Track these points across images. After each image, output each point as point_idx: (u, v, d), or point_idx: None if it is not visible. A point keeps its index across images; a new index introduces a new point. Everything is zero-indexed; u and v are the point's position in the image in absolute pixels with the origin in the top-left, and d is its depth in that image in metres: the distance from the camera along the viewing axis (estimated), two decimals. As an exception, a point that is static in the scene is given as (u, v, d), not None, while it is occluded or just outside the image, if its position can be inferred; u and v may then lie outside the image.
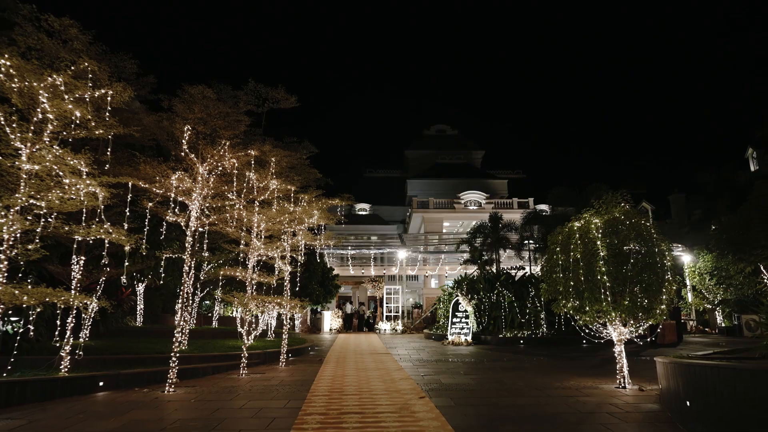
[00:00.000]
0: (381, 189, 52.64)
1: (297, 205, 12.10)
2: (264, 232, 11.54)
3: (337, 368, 11.46)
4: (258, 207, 11.01)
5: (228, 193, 9.76)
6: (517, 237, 24.60)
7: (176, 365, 8.69)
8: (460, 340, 18.46)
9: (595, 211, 9.04)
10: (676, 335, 19.13)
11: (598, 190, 22.59)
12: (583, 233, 8.64)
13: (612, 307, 8.12)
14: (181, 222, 9.17)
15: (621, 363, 8.66)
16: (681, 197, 46.47)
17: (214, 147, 9.15)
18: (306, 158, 13.10)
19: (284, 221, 11.37)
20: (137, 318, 16.76)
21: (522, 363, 12.60)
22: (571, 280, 8.57)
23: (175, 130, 8.88)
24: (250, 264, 11.03)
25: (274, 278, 11.33)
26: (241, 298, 10.10)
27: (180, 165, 9.00)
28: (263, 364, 12.31)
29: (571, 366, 11.93)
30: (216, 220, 9.77)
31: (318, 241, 13.26)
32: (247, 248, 11.06)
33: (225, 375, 10.51)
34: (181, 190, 9.07)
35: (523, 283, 20.68)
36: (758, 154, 44.73)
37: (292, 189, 11.34)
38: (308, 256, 16.22)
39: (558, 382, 9.20)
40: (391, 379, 9.60)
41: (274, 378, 10.05)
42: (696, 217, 46.59)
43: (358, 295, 37.72)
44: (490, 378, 9.90)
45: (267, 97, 11.52)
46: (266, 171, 10.80)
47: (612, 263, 8.16)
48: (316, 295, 20.53)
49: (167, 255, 9.19)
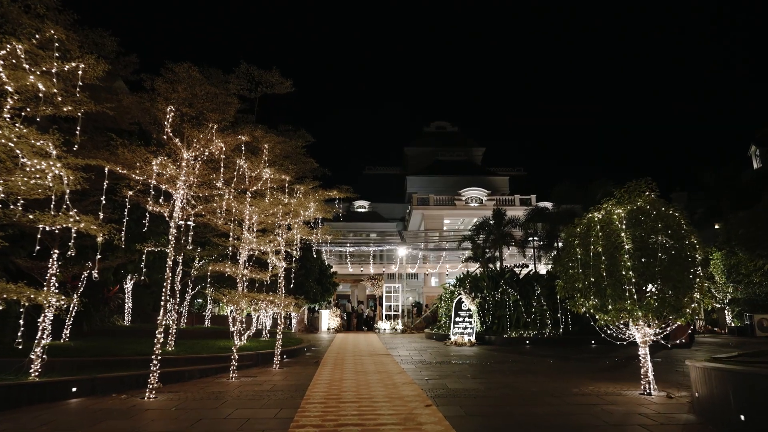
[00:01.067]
0: (380, 186, 51.89)
1: (292, 196, 11.33)
2: (256, 225, 10.76)
3: (335, 371, 10.69)
4: (250, 198, 10.24)
5: (216, 182, 8.98)
6: (521, 234, 23.84)
7: (158, 369, 7.91)
8: (464, 340, 17.71)
9: (617, 201, 8.28)
10: (688, 335, 18.38)
11: (605, 185, 21.81)
12: (604, 225, 7.88)
13: (638, 306, 7.36)
14: (165, 213, 8.39)
15: (646, 367, 7.91)
16: (683, 195, 46.01)
17: (200, 131, 8.37)
18: (302, 148, 12.31)
19: (278, 213, 10.59)
20: (125, 317, 15.98)
21: (531, 365, 11.85)
22: (591, 276, 7.81)
23: (156, 112, 8.09)
24: (242, 259, 10.25)
25: (267, 275, 10.56)
26: (231, 296, 9.32)
27: (163, 150, 8.21)
28: (256, 367, 11.53)
29: (584, 368, 11.18)
30: (203, 211, 8.99)
31: (315, 236, 12.48)
32: (239, 242, 10.29)
33: (214, 378, 9.74)
34: (165, 177, 8.29)
35: (528, 281, 19.94)
36: (761, 152, 44.29)
37: (286, 179, 10.57)
38: (304, 252, 15.44)
39: (575, 387, 8.44)
40: (393, 384, 8.83)
41: (266, 382, 9.28)
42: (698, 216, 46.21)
43: (357, 293, 36.97)
44: (499, 382, 9.14)
45: (260, 80, 10.74)
46: (258, 159, 10.02)
47: (637, 257, 7.40)
48: (313, 294, 19.76)
49: (149, 248, 8.42)
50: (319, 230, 12.49)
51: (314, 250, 19.35)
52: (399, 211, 47.85)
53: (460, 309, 18.66)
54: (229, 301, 9.39)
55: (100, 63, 6.74)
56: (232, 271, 9.95)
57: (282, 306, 10.40)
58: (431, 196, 38.82)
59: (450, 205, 38.54)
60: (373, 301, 34.31)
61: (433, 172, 47.32)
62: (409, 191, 45.54)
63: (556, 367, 11.45)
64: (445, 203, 38.68)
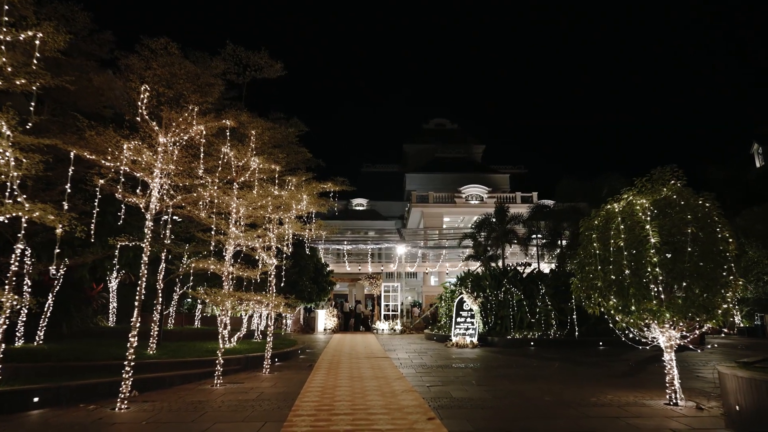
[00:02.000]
0: (379, 184, 51.13)
1: (283, 188, 10.54)
2: (244, 219, 9.98)
3: (329, 376, 9.91)
4: (237, 189, 9.46)
5: (198, 171, 8.19)
6: (524, 231, 23.05)
7: (130, 376, 7.13)
8: (465, 341, 16.93)
9: (638, 190, 7.50)
10: (698, 337, 17.61)
11: (611, 180, 21.04)
12: (626, 216, 7.10)
13: (665, 306, 6.59)
14: (140, 204, 7.60)
15: (671, 374, 7.13)
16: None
17: (179, 113, 7.58)
18: (295, 137, 11.53)
19: (267, 207, 9.80)
20: (110, 317, 15.18)
21: (539, 369, 11.08)
22: (612, 273, 7.03)
23: (130, 92, 7.31)
24: (228, 255, 9.46)
25: (255, 272, 9.77)
26: (214, 296, 8.53)
27: (137, 134, 7.43)
28: (244, 371, 10.74)
29: (597, 373, 10.41)
30: (183, 202, 8.19)
31: (308, 231, 11.70)
32: (224, 237, 9.50)
33: (196, 385, 8.95)
34: (140, 164, 7.50)
35: (533, 280, 19.16)
36: (764, 150, 43.85)
37: (276, 169, 9.78)
38: (298, 248, 14.65)
39: (592, 396, 7.66)
40: (392, 392, 8.05)
41: (253, 389, 8.50)
42: None
43: (354, 293, 36.19)
44: (508, 390, 8.37)
45: (248, 63, 9.95)
46: (245, 148, 9.24)
47: (664, 252, 6.62)
48: (308, 293, 18.97)
49: (123, 243, 7.65)
50: (313, 225, 11.70)
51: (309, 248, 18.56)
52: (398, 209, 47.08)
53: (462, 309, 17.88)
54: (212, 301, 8.60)
55: (61, 32, 5.95)
56: (216, 268, 9.16)
57: (272, 306, 9.61)
58: (431, 194, 38.04)
59: (450, 203, 37.77)
60: (371, 301, 33.55)
61: (433, 169, 46.53)
62: (408, 189, 44.77)
63: (567, 372, 10.68)
64: (445, 201, 37.90)
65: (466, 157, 50.03)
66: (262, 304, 9.40)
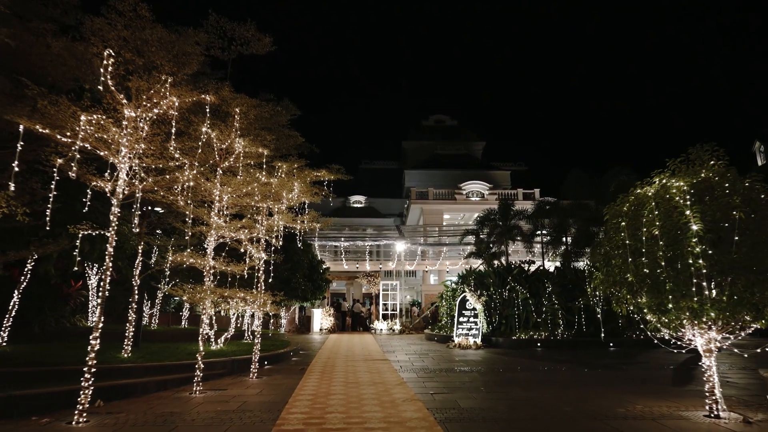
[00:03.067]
0: (377, 181, 50.19)
1: (272, 175, 9.62)
2: (228, 208, 9.05)
3: (322, 382, 8.98)
4: (220, 176, 8.53)
5: (174, 152, 7.25)
6: (529, 227, 22.15)
7: (91, 384, 6.19)
8: (468, 342, 16.02)
9: (671, 172, 6.59)
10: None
11: (620, 174, 20.17)
12: (660, 201, 6.19)
13: (709, 304, 5.68)
14: (105, 187, 6.67)
15: (711, 382, 6.23)
16: None
17: (150, 84, 6.65)
18: (287, 121, 10.59)
19: (254, 194, 8.87)
20: (90, 317, 14.22)
21: (551, 373, 10.18)
22: (645, 266, 6.12)
23: (91, 57, 6.38)
24: (209, 248, 8.52)
25: (240, 267, 8.84)
26: (192, 293, 7.60)
27: (99, 107, 6.49)
28: (229, 376, 9.81)
29: (616, 378, 9.50)
30: (156, 186, 7.25)
31: (300, 223, 10.76)
32: (206, 228, 8.56)
33: (173, 393, 8.01)
34: (106, 143, 6.56)
35: (539, 278, 18.27)
36: (765, 148, 43.33)
37: (264, 153, 8.85)
38: (290, 243, 13.71)
39: (619, 406, 6.75)
40: (392, 401, 7.13)
41: (235, 398, 7.57)
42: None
43: (352, 291, 35.26)
44: (522, 398, 7.46)
45: (233, 35, 9.01)
46: (229, 129, 8.30)
47: (709, 242, 5.71)
48: (302, 291, 18.03)
49: (84, 231, 6.72)
50: (306, 217, 10.76)
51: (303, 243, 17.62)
52: (397, 207, 46.14)
53: (465, 308, 16.98)
54: (191, 299, 7.68)
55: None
56: (196, 262, 8.22)
57: (258, 304, 8.67)
58: (430, 190, 37.13)
59: (450, 200, 36.86)
60: (369, 300, 32.66)
61: (432, 166, 45.66)
62: (407, 185, 43.89)
63: (582, 376, 9.78)
64: (445, 197, 37.00)
65: (466, 153, 49.15)
66: (246, 301, 8.47)
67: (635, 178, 20.27)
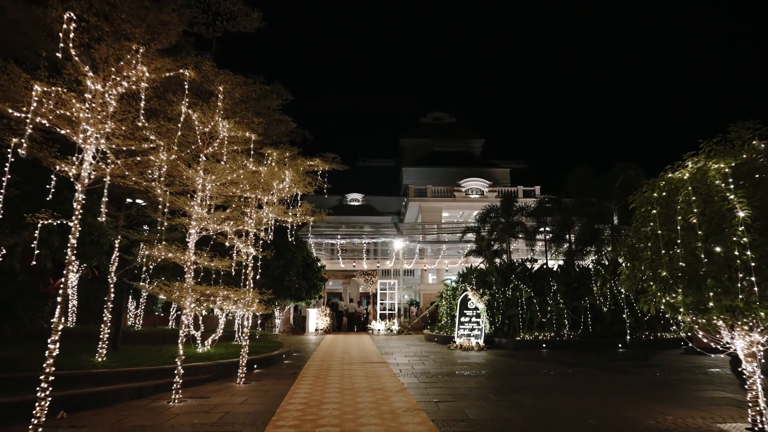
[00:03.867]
0: (375, 179, 49.40)
1: (261, 164, 8.84)
2: (213, 199, 8.28)
3: (315, 388, 8.21)
4: (204, 162, 7.76)
5: (149, 133, 6.47)
6: (533, 223, 21.42)
7: (48, 395, 5.39)
8: (470, 343, 15.27)
9: (706, 155, 5.84)
10: (723, 338, 16.02)
11: (627, 169, 19.46)
12: (698, 185, 5.45)
13: (758, 303, 4.93)
14: (69, 171, 5.89)
15: (754, 391, 5.49)
16: None
17: (118, 53, 5.87)
18: (278, 106, 9.83)
19: (240, 182, 8.09)
20: (69, 317, 13.41)
21: (563, 378, 9.43)
22: (681, 259, 5.37)
23: (51, 22, 5.60)
24: (191, 242, 7.74)
25: (225, 263, 8.07)
26: (170, 291, 6.82)
27: (59, 78, 5.70)
28: (214, 381, 9.03)
29: (634, 384, 8.75)
30: (126, 170, 6.45)
31: (293, 216, 9.99)
32: (186, 221, 7.77)
33: (149, 401, 7.23)
34: (66, 119, 5.77)
35: (543, 276, 17.56)
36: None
37: (252, 137, 8.07)
38: (282, 239, 12.91)
39: (648, 417, 6.00)
40: (392, 411, 6.37)
41: (217, 407, 6.80)
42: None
43: (349, 291, 34.48)
44: (536, 407, 6.71)
45: (218, 10, 8.24)
46: (212, 111, 7.52)
47: (757, 231, 4.97)
48: (296, 290, 17.24)
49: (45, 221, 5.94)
50: (299, 210, 9.99)
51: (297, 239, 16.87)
52: (394, 205, 45.36)
53: (466, 307, 16.23)
54: (169, 298, 6.91)
55: None
56: (175, 256, 7.44)
57: (244, 304, 7.89)
58: (429, 187, 36.38)
59: (449, 197, 36.12)
60: (366, 299, 31.92)
61: (431, 163, 44.92)
62: (405, 183, 43.14)
63: (597, 381, 9.03)
64: (444, 195, 36.26)
65: (464, 151, 48.44)
66: (231, 300, 7.70)
67: (642, 174, 19.68)
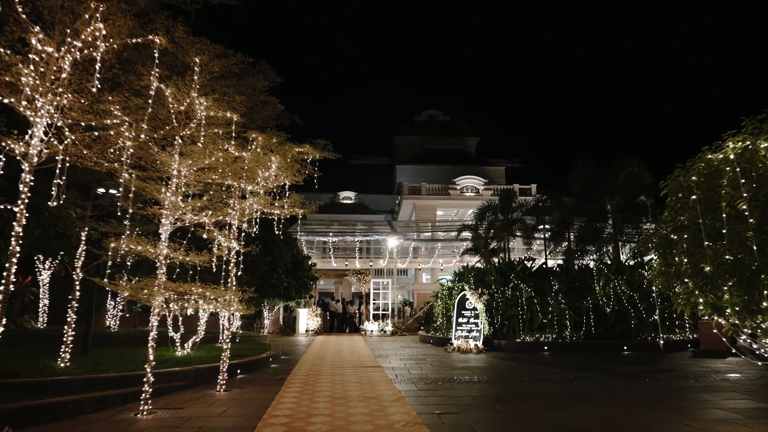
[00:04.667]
0: (368, 177, 48.70)
1: (245, 149, 8.02)
2: (189, 186, 7.44)
3: (303, 397, 7.40)
4: (179, 145, 6.92)
5: (113, 108, 5.63)
6: (532, 221, 20.71)
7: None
8: (469, 345, 14.52)
9: (750, 133, 5.12)
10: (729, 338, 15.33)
11: (629, 165, 18.82)
12: (747, 167, 4.71)
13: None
14: (17, 149, 5.04)
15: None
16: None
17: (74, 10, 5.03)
18: (265, 89, 9.02)
19: (219, 167, 7.26)
20: (40, 317, 12.48)
21: (574, 383, 8.69)
22: (727, 252, 4.63)
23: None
24: (164, 234, 6.90)
25: (202, 258, 7.23)
26: (136, 289, 5.98)
27: (3, 37, 4.86)
28: (192, 388, 8.18)
29: (652, 391, 8.01)
30: (84, 149, 5.60)
31: (280, 208, 9.18)
32: (158, 210, 6.93)
33: (114, 413, 6.39)
34: (9, 86, 4.93)
35: (544, 275, 16.85)
36: None
37: (234, 118, 7.25)
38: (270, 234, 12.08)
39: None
40: (390, 427, 5.57)
41: (190, 420, 5.97)
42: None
43: (341, 291, 33.67)
44: (552, 420, 5.94)
45: (197, -27, 7.43)
46: (188, 87, 6.69)
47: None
48: (285, 288, 16.37)
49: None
50: (287, 201, 9.17)
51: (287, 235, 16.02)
52: (388, 203, 44.63)
53: (464, 308, 15.49)
54: (135, 296, 6.07)
55: None
56: (145, 249, 6.59)
57: (223, 302, 7.05)
58: (423, 185, 35.67)
59: (444, 195, 35.43)
60: (359, 299, 31.10)
61: (425, 161, 44.24)
62: (398, 181, 42.45)
63: (611, 388, 8.29)
64: (439, 192, 35.56)
65: (459, 149, 47.85)
66: (207, 299, 6.87)
67: (645, 170, 19.05)
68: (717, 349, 14.69)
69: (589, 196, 19.12)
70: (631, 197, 18.30)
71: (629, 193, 18.29)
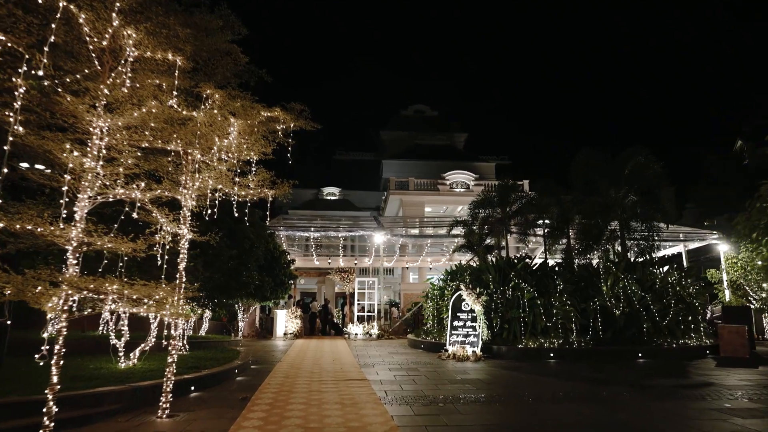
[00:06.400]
0: (353, 173, 46.98)
1: (196, 108, 6.27)
2: (117, 150, 5.65)
3: (267, 427, 5.65)
4: (103, 93, 5.13)
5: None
6: (530, 216, 19.20)
7: None
8: (466, 352, 12.87)
9: None
10: (747, 346, 14.01)
11: (636, 154, 17.42)
12: None
13: None
14: None
15: None
16: (670, 190, 44.18)
17: None
18: (228, 41, 7.29)
19: (150, 120, 5.49)
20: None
21: (604, 404, 7.08)
22: None
23: None
24: (80, 211, 5.11)
25: (130, 245, 5.45)
26: (17, 284, 4.20)
27: None
28: (126, 413, 6.37)
29: (703, 414, 6.44)
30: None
31: (245, 188, 7.42)
32: (69, 178, 5.12)
33: (-3, 458, 4.59)
34: None
35: (547, 274, 15.30)
36: (748, 147, 42.89)
37: (178, 61, 5.49)
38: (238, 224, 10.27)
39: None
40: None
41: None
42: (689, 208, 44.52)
43: (324, 290, 31.87)
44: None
45: None
46: (109, 10, 4.92)
47: None
48: (257, 287, 14.50)
49: None
50: (252, 179, 7.41)
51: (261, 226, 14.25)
52: (374, 200, 42.92)
53: (460, 309, 13.86)
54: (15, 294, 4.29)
55: None
56: (47, 230, 4.79)
57: (154, 304, 5.27)
58: (411, 180, 34.04)
59: (432, 190, 33.85)
60: (342, 299, 29.37)
61: (412, 156, 42.65)
62: (385, 176, 40.74)
63: (652, 410, 6.69)
64: (427, 188, 33.98)
65: (448, 144, 46.36)
66: (131, 301, 5.10)
67: (653, 160, 17.66)
68: (738, 355, 13.41)
69: (593, 188, 17.66)
70: (641, 188, 16.90)
71: (637, 184, 16.89)
